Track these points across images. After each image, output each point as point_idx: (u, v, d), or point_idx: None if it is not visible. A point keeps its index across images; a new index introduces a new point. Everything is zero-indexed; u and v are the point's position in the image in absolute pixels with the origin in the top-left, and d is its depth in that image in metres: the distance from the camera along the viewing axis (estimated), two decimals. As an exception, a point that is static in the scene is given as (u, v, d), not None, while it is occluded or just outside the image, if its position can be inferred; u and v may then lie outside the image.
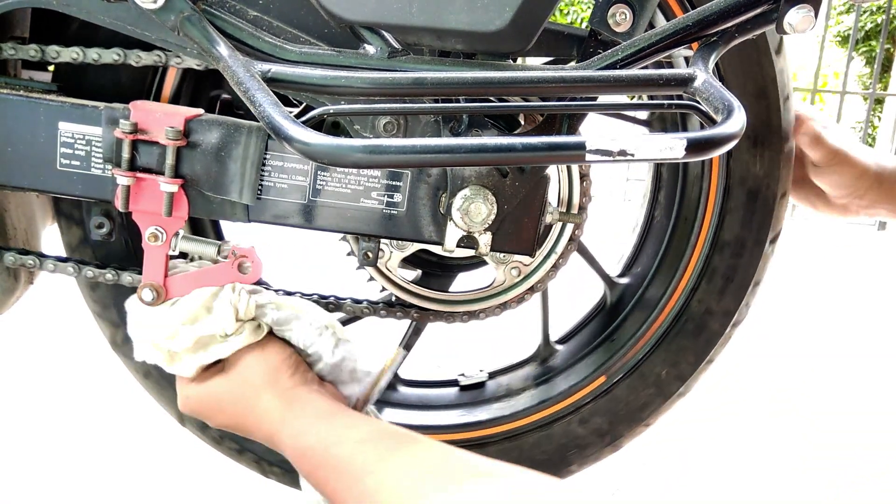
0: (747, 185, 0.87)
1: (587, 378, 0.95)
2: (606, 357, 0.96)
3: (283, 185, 0.74)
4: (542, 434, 0.96)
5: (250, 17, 0.69)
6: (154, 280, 0.74)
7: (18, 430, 1.48)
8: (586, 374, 0.96)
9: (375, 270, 0.88)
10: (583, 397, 0.96)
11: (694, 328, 0.92)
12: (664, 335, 0.94)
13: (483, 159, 0.54)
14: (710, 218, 0.89)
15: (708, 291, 0.91)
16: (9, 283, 0.85)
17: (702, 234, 0.90)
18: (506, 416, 0.96)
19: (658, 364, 0.94)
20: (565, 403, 0.96)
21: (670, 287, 0.93)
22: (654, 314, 0.94)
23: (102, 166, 0.72)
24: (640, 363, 0.94)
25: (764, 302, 0.97)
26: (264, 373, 0.73)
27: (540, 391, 0.98)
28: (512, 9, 0.64)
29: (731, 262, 0.90)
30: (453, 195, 0.74)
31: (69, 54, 0.73)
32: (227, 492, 1.30)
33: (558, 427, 0.96)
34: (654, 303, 0.94)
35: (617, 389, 0.95)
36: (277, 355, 0.74)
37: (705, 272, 0.91)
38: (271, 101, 0.55)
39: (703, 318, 0.92)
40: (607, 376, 0.95)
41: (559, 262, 0.90)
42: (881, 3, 5.20)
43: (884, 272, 3.28)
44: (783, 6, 0.63)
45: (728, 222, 0.89)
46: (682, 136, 0.51)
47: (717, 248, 0.90)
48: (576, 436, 0.96)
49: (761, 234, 0.89)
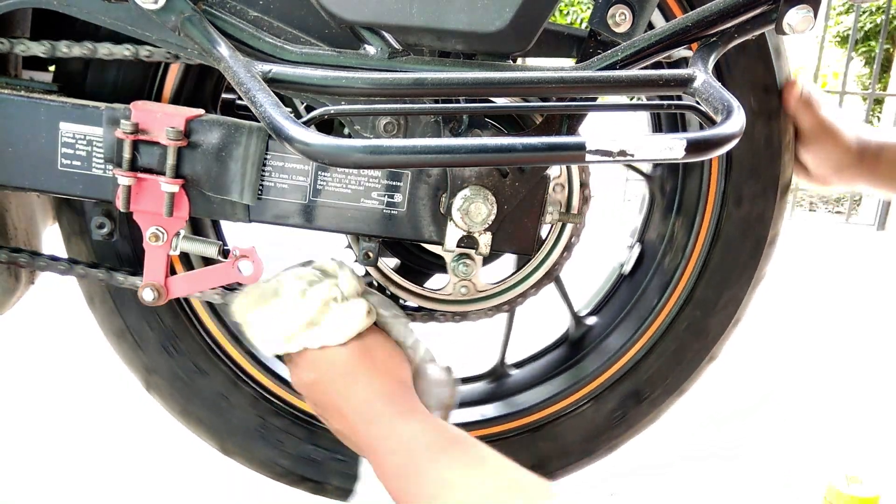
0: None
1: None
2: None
3: (283, 185, 0.74)
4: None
5: (251, 17, 0.69)
6: (155, 280, 0.74)
7: (18, 430, 1.48)
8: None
9: (375, 269, 0.88)
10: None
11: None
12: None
13: (483, 159, 0.55)
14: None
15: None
16: (9, 283, 0.85)
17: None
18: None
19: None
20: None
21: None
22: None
23: (103, 166, 0.73)
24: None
25: (763, 302, 0.98)
26: (386, 353, 0.73)
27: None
28: (512, 9, 0.64)
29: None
30: (453, 195, 0.74)
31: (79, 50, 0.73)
32: (226, 492, 1.30)
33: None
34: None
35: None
36: (392, 342, 0.75)
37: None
38: (272, 101, 0.55)
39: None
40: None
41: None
42: (881, 3, 5.20)
43: (884, 272, 3.28)
44: (782, 6, 0.64)
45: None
46: (682, 137, 0.51)
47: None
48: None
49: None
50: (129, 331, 0.88)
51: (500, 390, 1.01)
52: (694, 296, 0.92)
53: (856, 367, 2.14)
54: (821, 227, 4.34)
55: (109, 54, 0.73)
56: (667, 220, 0.96)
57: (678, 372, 0.94)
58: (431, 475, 0.63)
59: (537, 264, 0.89)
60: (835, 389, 1.96)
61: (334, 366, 0.71)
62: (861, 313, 2.66)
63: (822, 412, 1.81)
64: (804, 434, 1.69)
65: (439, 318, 0.90)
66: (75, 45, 0.72)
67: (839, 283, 2.99)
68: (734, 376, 1.92)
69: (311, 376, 0.72)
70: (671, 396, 0.95)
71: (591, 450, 0.97)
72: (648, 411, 0.95)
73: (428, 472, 0.64)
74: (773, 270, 0.93)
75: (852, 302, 2.78)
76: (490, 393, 1.01)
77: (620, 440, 0.97)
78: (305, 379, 0.73)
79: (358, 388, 0.71)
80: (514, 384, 1.01)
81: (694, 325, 0.93)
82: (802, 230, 3.92)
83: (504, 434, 0.96)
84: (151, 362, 0.89)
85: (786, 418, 1.77)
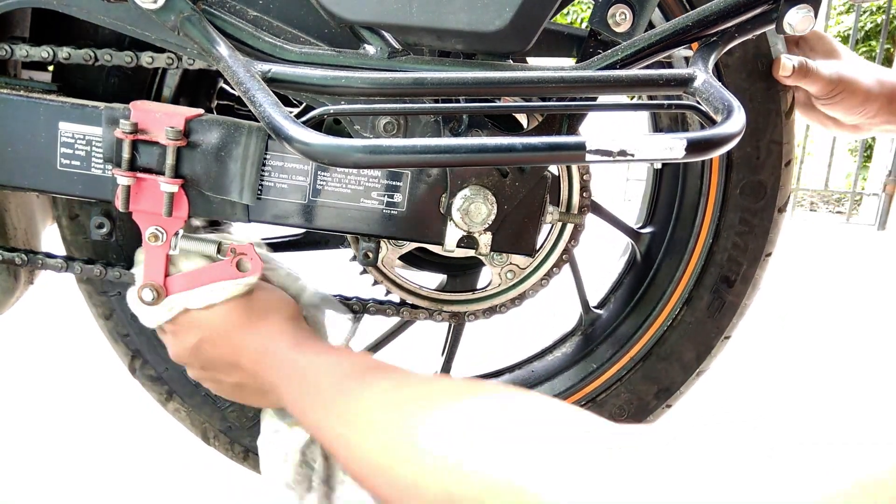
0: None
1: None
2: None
3: (283, 185, 0.74)
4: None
5: (250, 17, 0.69)
6: (154, 280, 0.74)
7: (19, 430, 1.48)
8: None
9: (374, 268, 0.88)
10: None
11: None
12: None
13: (483, 159, 0.54)
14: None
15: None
16: (9, 282, 0.85)
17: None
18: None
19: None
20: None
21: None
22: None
23: (102, 166, 0.72)
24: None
25: (763, 302, 0.97)
26: (273, 299, 0.74)
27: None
28: (512, 9, 0.64)
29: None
30: (453, 195, 0.74)
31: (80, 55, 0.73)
32: (226, 492, 1.30)
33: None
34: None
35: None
36: (277, 290, 0.76)
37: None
38: (272, 101, 0.55)
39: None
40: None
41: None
42: (881, 3, 5.19)
43: (884, 272, 3.28)
44: (783, 6, 0.64)
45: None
46: (682, 137, 0.51)
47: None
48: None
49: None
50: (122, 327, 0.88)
51: (593, 337, 1.01)
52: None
53: (856, 367, 2.14)
54: (821, 226, 4.34)
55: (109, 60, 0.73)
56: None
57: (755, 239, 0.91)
58: (351, 401, 0.60)
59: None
60: (835, 389, 1.96)
61: (222, 319, 0.72)
62: (861, 313, 2.66)
63: (823, 412, 1.81)
64: (804, 434, 1.68)
65: (502, 309, 0.91)
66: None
67: (839, 283, 2.99)
68: (734, 376, 1.92)
69: (197, 335, 0.73)
70: (756, 264, 0.92)
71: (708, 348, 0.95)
72: (744, 290, 0.93)
73: (348, 395, 0.61)
74: (773, 271, 0.93)
75: (852, 302, 2.78)
76: (583, 346, 1.02)
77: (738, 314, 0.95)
78: (191, 341, 0.73)
79: (252, 334, 0.71)
80: (605, 324, 1.01)
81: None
82: (803, 230, 3.92)
83: (618, 375, 0.96)
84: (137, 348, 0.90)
85: (786, 418, 1.77)
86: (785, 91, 0.85)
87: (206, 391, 0.91)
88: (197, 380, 0.78)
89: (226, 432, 0.93)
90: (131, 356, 0.89)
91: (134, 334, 0.88)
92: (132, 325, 0.87)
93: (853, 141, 5.49)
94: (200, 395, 0.91)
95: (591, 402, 0.96)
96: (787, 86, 0.85)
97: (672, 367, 0.94)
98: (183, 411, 0.92)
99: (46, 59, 0.72)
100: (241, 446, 0.94)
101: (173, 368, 0.89)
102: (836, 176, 5.12)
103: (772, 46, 0.83)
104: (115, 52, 0.73)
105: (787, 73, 0.82)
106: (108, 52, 0.73)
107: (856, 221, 4.38)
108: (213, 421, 0.92)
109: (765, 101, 0.84)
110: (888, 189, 4.31)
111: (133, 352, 0.89)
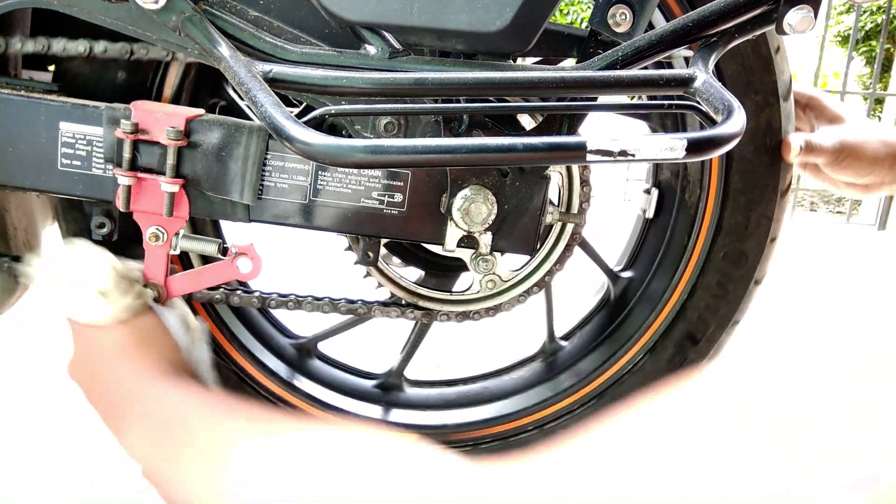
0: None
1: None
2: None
3: (283, 185, 0.74)
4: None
5: (251, 17, 0.69)
6: (155, 280, 0.74)
7: (18, 430, 1.48)
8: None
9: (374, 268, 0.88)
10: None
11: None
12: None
13: (483, 159, 0.55)
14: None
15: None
16: (9, 283, 0.85)
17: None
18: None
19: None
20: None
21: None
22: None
23: (103, 166, 0.73)
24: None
25: (763, 302, 0.97)
26: (155, 337, 0.72)
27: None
28: (512, 9, 0.64)
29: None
30: (453, 195, 0.74)
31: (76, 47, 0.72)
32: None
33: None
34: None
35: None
36: (164, 329, 0.73)
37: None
38: (273, 101, 0.55)
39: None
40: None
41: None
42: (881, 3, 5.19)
43: (885, 272, 3.28)
44: (783, 7, 0.64)
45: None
46: (683, 137, 0.51)
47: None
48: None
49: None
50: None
51: (554, 366, 1.01)
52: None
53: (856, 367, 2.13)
54: (822, 226, 4.34)
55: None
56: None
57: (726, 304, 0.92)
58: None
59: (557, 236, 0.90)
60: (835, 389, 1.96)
61: (98, 343, 0.71)
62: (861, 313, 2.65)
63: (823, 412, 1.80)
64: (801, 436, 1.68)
65: (475, 316, 0.90)
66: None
67: (840, 283, 2.99)
68: (734, 376, 1.92)
69: (76, 350, 0.72)
70: (724, 329, 0.93)
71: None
72: (707, 350, 0.93)
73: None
74: (772, 271, 0.93)
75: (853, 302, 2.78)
76: (542, 373, 1.01)
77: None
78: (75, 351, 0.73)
79: (122, 367, 0.69)
80: (567, 357, 1.01)
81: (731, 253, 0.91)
82: (803, 230, 3.92)
83: (569, 408, 0.96)
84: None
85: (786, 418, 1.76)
86: (786, 170, 0.86)
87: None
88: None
89: None
90: None
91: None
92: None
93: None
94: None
95: (538, 428, 0.96)
96: (789, 164, 0.86)
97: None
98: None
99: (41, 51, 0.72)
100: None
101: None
102: (836, 176, 5.10)
103: (783, 128, 0.84)
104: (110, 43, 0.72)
105: (795, 154, 0.84)
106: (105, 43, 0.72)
107: (856, 221, 4.39)
108: None
109: (765, 176, 0.86)
110: (888, 189, 4.31)
111: None
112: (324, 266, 1.07)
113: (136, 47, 0.72)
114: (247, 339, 0.94)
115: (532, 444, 0.97)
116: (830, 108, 0.90)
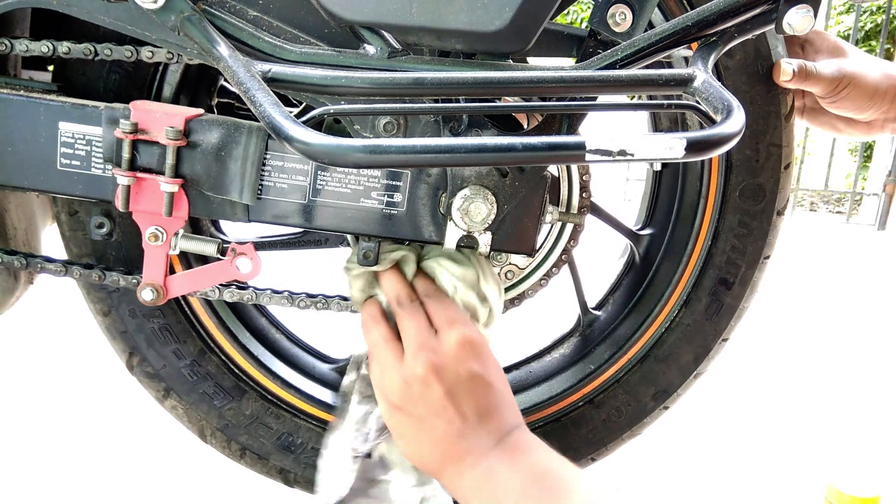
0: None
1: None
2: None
3: (283, 184, 0.74)
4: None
5: (250, 17, 0.69)
6: (154, 280, 0.74)
7: (18, 430, 1.48)
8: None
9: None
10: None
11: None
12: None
13: (483, 159, 0.54)
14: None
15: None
16: (9, 282, 0.85)
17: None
18: None
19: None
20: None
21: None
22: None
23: (103, 166, 0.73)
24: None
25: (763, 302, 0.97)
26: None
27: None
28: (512, 9, 0.64)
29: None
30: (453, 195, 0.74)
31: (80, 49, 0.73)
32: (225, 492, 1.30)
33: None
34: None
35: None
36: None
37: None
38: (272, 101, 0.55)
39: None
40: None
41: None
42: (881, 3, 5.20)
43: (884, 272, 3.28)
44: (782, 6, 0.64)
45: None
46: (682, 136, 0.51)
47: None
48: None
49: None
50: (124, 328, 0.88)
51: (592, 338, 1.01)
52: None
53: (856, 366, 2.14)
54: (821, 226, 4.34)
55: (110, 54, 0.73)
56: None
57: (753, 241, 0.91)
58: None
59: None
60: (835, 389, 1.96)
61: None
62: (861, 313, 2.66)
63: (823, 412, 1.81)
64: (805, 434, 1.68)
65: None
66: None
67: (840, 283, 2.99)
68: (734, 376, 1.92)
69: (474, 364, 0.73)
70: (755, 266, 0.92)
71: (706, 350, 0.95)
72: (742, 292, 0.92)
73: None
74: (772, 271, 0.93)
75: (853, 302, 2.78)
76: (582, 347, 1.01)
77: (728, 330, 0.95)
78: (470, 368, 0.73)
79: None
80: (603, 325, 1.01)
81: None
82: (803, 230, 3.92)
83: (616, 376, 0.96)
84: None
85: (786, 418, 1.77)
86: (785, 94, 0.85)
87: (203, 389, 0.91)
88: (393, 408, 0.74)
89: (223, 430, 0.93)
90: (129, 353, 0.89)
91: (132, 331, 0.88)
92: (130, 322, 0.87)
93: (855, 140, 5.49)
94: (197, 393, 0.91)
95: (588, 403, 0.96)
96: (787, 89, 0.84)
97: (670, 370, 0.94)
98: (180, 408, 0.92)
99: (46, 53, 0.72)
100: (238, 444, 0.94)
101: (170, 365, 0.90)
102: (836, 176, 5.12)
103: (772, 49, 0.82)
104: (115, 46, 0.73)
105: (787, 78, 0.82)
106: (108, 46, 0.73)
107: (856, 221, 4.39)
108: (211, 418, 0.93)
109: (765, 103, 0.84)
110: (888, 189, 4.32)
111: (131, 349, 0.89)
112: (322, 266, 1.07)
113: (143, 50, 0.73)
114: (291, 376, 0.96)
115: (586, 419, 0.97)
116: (830, 41, 0.88)
